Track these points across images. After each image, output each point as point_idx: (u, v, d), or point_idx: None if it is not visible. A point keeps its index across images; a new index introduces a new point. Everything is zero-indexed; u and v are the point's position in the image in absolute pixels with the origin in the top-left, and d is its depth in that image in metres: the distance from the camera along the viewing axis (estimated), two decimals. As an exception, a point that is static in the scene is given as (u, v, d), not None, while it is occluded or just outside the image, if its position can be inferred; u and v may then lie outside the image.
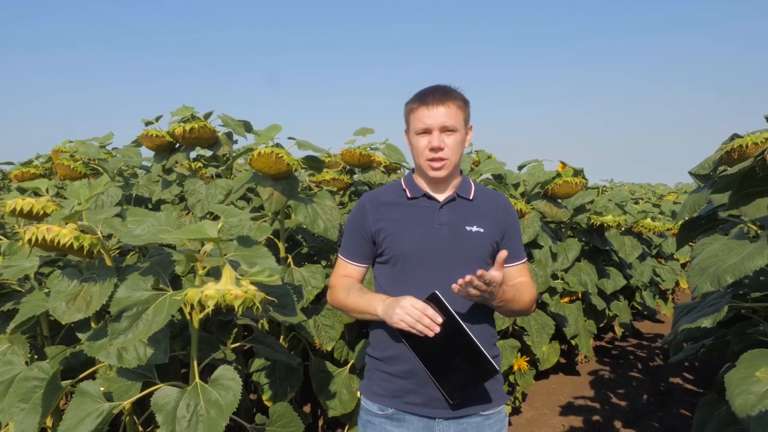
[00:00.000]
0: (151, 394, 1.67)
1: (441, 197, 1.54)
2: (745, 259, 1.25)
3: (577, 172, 3.05)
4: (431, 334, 1.36)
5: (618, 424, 3.70)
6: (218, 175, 3.05)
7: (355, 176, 3.13)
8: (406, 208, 1.55)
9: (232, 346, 1.79)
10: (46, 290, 1.79)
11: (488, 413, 1.50)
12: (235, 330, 2.31)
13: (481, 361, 1.39)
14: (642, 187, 10.88)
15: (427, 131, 1.49)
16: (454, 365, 1.42)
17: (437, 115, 1.46)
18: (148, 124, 2.31)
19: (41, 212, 1.67)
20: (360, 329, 2.87)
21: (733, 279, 1.25)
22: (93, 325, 1.92)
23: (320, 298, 2.20)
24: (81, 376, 1.77)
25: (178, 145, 2.32)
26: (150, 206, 2.98)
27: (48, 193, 1.74)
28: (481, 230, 1.50)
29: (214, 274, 1.63)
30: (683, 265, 6.54)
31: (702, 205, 1.82)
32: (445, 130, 1.48)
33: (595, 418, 3.78)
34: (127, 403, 1.61)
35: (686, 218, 1.86)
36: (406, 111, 1.56)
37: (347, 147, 2.63)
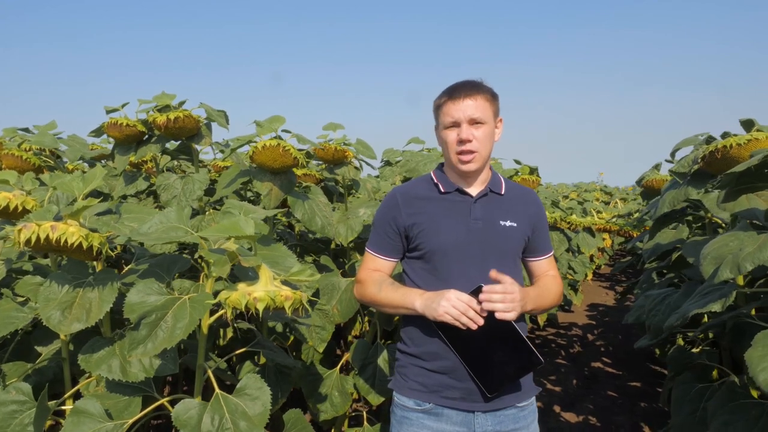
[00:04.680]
0: (155, 409, 1.52)
1: (474, 192, 1.54)
2: (762, 247, 1.38)
3: (533, 170, 3.20)
4: (475, 327, 1.37)
5: (557, 408, 3.93)
6: (169, 169, 2.83)
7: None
8: (439, 202, 1.52)
9: (239, 351, 1.66)
10: (20, 299, 1.55)
11: (522, 405, 1.53)
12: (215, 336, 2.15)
13: (525, 353, 1.42)
14: (547, 187, 11.65)
15: (455, 124, 1.48)
16: (494, 358, 1.43)
17: (465, 107, 1.46)
18: (111, 111, 2.06)
19: (20, 208, 1.45)
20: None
21: (753, 266, 1.37)
22: (63, 336, 1.69)
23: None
24: (66, 395, 1.56)
25: (147, 135, 2.10)
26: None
27: (24, 186, 1.51)
28: (515, 225, 1.52)
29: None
30: (591, 258, 7.09)
31: (681, 200, 1.99)
32: (473, 122, 1.47)
33: (537, 404, 3.98)
34: (132, 421, 1.44)
35: (665, 211, 2.02)
36: (434, 107, 1.54)
37: (320, 142, 2.54)
